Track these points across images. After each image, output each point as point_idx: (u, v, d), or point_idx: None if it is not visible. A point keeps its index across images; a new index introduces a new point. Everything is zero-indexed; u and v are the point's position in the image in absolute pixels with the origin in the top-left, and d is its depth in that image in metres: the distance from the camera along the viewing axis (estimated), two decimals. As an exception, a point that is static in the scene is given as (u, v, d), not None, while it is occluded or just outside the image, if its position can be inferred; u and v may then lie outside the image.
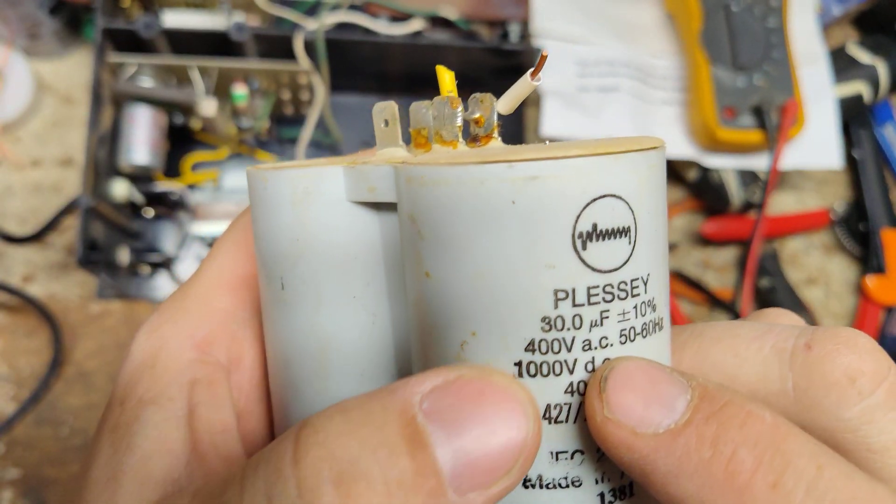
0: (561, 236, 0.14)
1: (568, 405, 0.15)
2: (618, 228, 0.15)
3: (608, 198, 0.14)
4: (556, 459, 0.15)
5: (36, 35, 0.53)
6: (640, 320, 0.15)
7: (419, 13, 0.53)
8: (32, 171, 0.54)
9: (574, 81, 0.53)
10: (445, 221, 0.15)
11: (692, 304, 0.57)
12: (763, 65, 0.53)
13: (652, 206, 0.15)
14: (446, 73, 0.18)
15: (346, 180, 0.17)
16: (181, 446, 0.17)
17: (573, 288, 0.14)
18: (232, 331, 0.20)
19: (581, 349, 0.15)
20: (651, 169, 0.15)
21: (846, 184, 0.61)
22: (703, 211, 0.59)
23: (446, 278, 0.15)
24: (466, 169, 0.14)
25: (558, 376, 0.15)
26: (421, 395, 0.14)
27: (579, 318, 0.15)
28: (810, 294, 0.59)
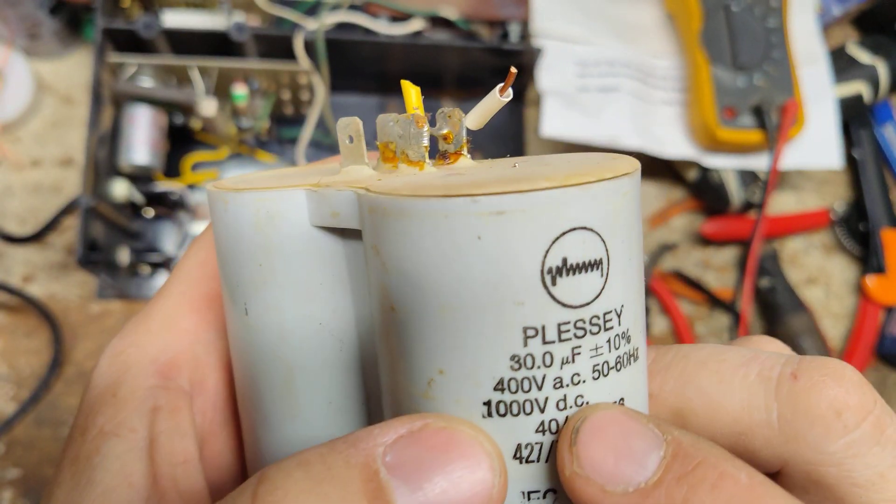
0: (529, 272, 0.14)
1: (539, 444, 0.14)
2: (589, 262, 0.14)
3: (579, 230, 0.14)
4: (528, 499, 0.15)
5: (36, 35, 0.53)
6: (614, 354, 0.15)
7: (419, 13, 0.53)
8: (32, 171, 0.54)
9: (574, 81, 0.53)
10: (409, 255, 0.14)
11: (692, 304, 0.57)
12: (763, 65, 0.53)
13: (625, 235, 0.15)
14: (412, 88, 0.17)
15: (309, 204, 0.16)
16: (142, 480, 0.17)
17: (543, 325, 0.14)
18: (195, 354, 0.20)
19: (552, 387, 0.14)
20: (625, 196, 0.15)
21: (846, 184, 0.61)
22: (703, 211, 0.59)
23: (412, 313, 0.14)
24: (429, 202, 0.14)
25: (529, 415, 0.14)
26: (384, 447, 0.13)
27: (550, 355, 0.14)
28: (810, 294, 0.59)
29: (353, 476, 0.13)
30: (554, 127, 0.51)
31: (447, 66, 0.53)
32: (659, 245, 0.57)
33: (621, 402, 0.15)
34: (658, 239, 0.58)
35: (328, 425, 0.18)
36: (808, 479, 0.16)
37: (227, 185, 0.17)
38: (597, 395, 0.15)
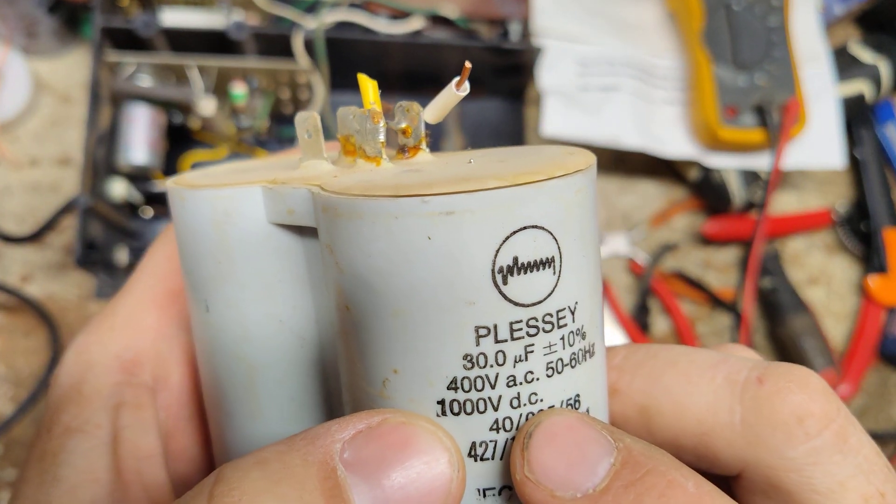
0: (480, 272, 0.14)
1: (493, 442, 0.15)
2: (541, 260, 0.14)
3: (530, 229, 0.14)
4: (484, 496, 0.15)
5: (34, 34, 0.53)
6: (568, 351, 0.15)
7: (419, 11, 0.53)
8: (30, 170, 0.53)
9: (575, 81, 0.53)
10: (361, 255, 0.14)
11: (694, 304, 0.57)
12: (764, 64, 0.53)
13: (579, 232, 0.15)
14: (369, 82, 0.17)
15: (265, 201, 0.16)
16: (106, 475, 0.17)
17: (495, 324, 0.14)
18: (159, 350, 0.20)
19: (505, 385, 0.14)
20: (578, 193, 0.15)
21: (848, 183, 0.61)
22: (704, 211, 0.58)
23: (365, 313, 0.14)
24: (379, 203, 0.14)
25: (483, 414, 0.14)
26: (342, 443, 0.13)
27: (502, 354, 0.14)
28: (812, 294, 0.58)
29: (311, 474, 0.13)
30: (554, 126, 0.51)
31: (447, 64, 0.53)
32: (660, 245, 0.57)
33: (576, 399, 0.15)
34: (659, 239, 0.58)
35: (292, 422, 0.18)
36: (767, 483, 0.16)
37: (185, 182, 0.17)
38: (551, 393, 0.15)
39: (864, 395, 0.58)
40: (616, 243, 0.57)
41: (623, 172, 0.59)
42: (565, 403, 0.15)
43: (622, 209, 0.58)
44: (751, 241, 0.52)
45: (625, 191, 0.58)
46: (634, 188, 0.59)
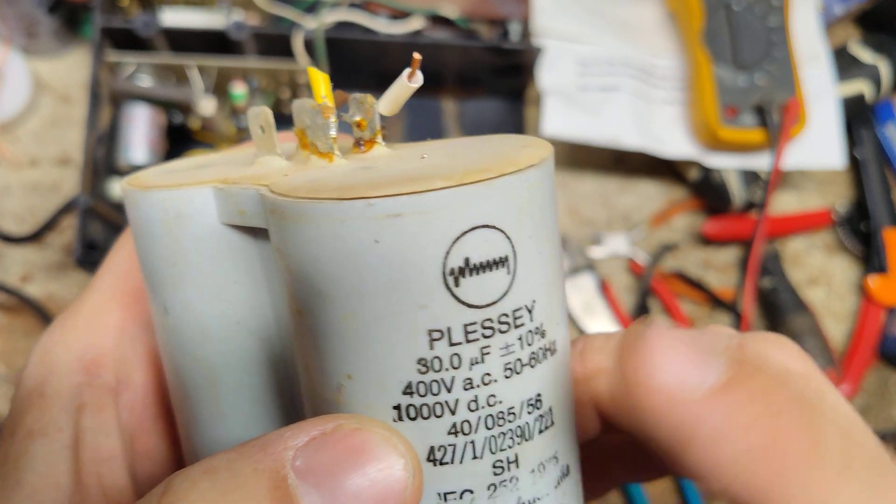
0: (430, 275, 0.13)
1: (452, 446, 0.14)
2: (494, 260, 0.14)
3: (480, 229, 0.13)
4: (445, 500, 0.15)
5: (34, 34, 0.53)
6: (527, 350, 0.14)
7: (419, 11, 0.53)
8: (30, 170, 0.53)
9: (575, 81, 0.53)
10: (309, 259, 0.14)
11: (694, 304, 0.57)
12: (764, 64, 0.53)
13: (533, 228, 0.14)
14: (320, 76, 0.17)
15: (216, 202, 0.16)
16: (67, 479, 0.17)
17: (448, 327, 0.14)
18: (121, 350, 0.20)
19: (462, 389, 0.14)
20: (531, 189, 0.14)
21: (848, 183, 0.61)
22: (704, 211, 0.58)
23: (317, 319, 0.14)
24: (324, 206, 0.13)
25: (440, 418, 0.14)
26: (295, 451, 0.13)
27: (457, 357, 0.14)
28: (812, 294, 0.58)
29: (261, 483, 0.13)
30: (554, 126, 0.51)
31: (447, 64, 0.53)
32: (660, 245, 0.57)
33: (538, 399, 0.15)
34: (659, 239, 0.58)
35: (256, 423, 0.18)
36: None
37: (138, 183, 0.17)
38: (511, 394, 0.15)
39: (864, 395, 0.58)
40: (616, 243, 0.57)
41: (623, 172, 0.59)
42: (526, 404, 0.15)
43: (622, 209, 0.58)
44: (751, 241, 0.52)
45: (625, 191, 0.58)
46: (634, 188, 0.59)
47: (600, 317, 0.54)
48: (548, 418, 0.15)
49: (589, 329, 0.54)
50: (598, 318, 0.54)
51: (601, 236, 0.57)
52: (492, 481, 0.15)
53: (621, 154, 0.58)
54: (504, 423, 0.15)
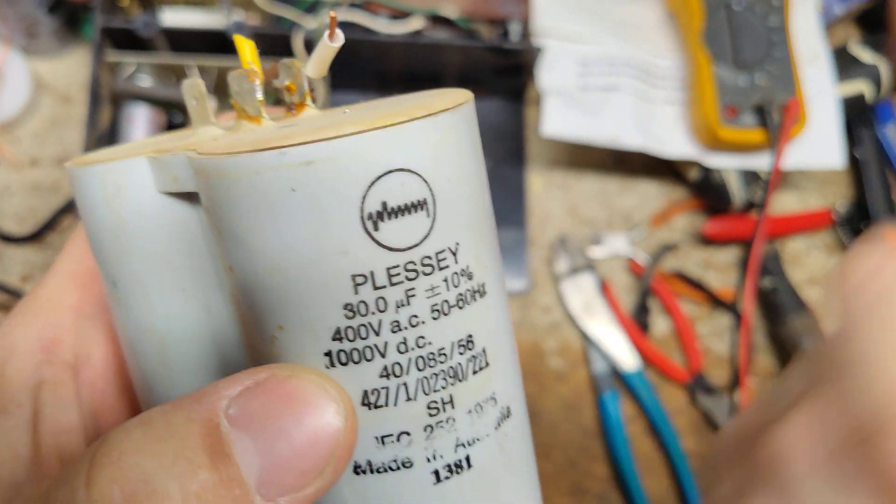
0: (349, 220, 0.14)
1: (385, 388, 0.15)
2: (411, 203, 0.14)
3: (395, 173, 0.14)
4: (383, 443, 0.15)
5: (34, 34, 0.53)
6: (454, 292, 0.15)
7: (419, 11, 0.53)
8: (31, 170, 0.53)
9: (575, 81, 0.53)
10: (232, 215, 0.14)
11: (694, 304, 0.57)
12: (765, 63, 0.53)
13: (453, 172, 0.15)
14: (245, 42, 0.17)
15: (152, 171, 0.16)
16: (26, 451, 0.18)
17: (371, 271, 0.14)
18: (79, 329, 0.20)
19: (390, 331, 0.14)
20: (447, 132, 0.14)
21: (848, 183, 0.61)
22: (704, 211, 0.58)
23: (245, 273, 0.14)
24: (240, 159, 0.13)
25: (371, 362, 0.14)
26: (228, 400, 0.13)
27: (383, 300, 0.14)
28: (812, 294, 0.58)
29: (193, 431, 0.13)
30: (554, 126, 0.51)
31: (447, 64, 0.53)
32: (660, 245, 0.57)
33: (469, 339, 0.15)
34: (659, 239, 0.58)
35: None
36: None
37: (78, 160, 0.17)
38: (440, 335, 0.15)
39: (865, 395, 0.58)
40: (616, 243, 0.57)
41: (623, 172, 0.59)
42: (457, 345, 0.15)
43: (622, 209, 0.58)
44: (751, 242, 0.52)
45: (625, 191, 0.58)
46: (634, 188, 0.59)
47: (600, 317, 0.54)
48: (481, 359, 0.16)
49: (589, 329, 0.54)
50: (598, 318, 0.54)
51: (601, 236, 0.57)
52: (428, 422, 0.15)
53: (621, 154, 0.58)
54: (436, 364, 0.15)
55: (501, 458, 0.16)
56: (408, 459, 0.15)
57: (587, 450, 0.54)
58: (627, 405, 0.55)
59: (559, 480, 0.53)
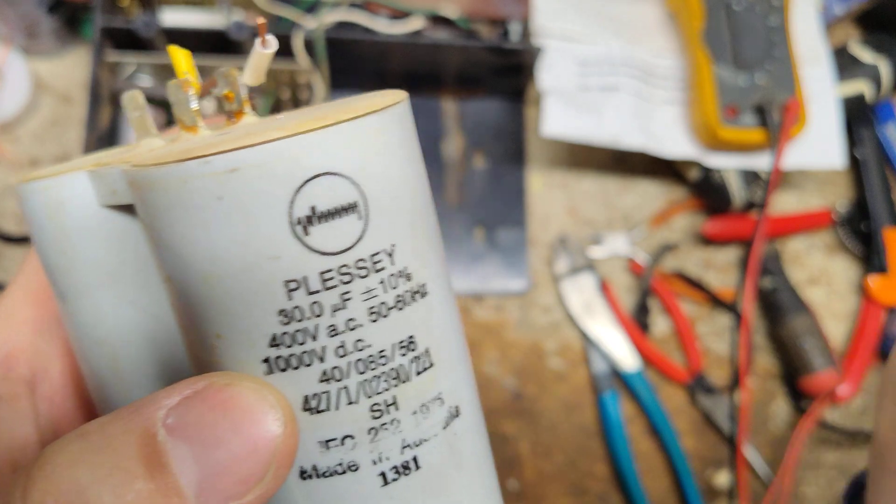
0: (278, 226, 0.14)
1: (326, 393, 0.15)
2: (341, 206, 0.14)
3: (322, 177, 0.14)
4: (327, 447, 0.15)
5: (34, 34, 0.53)
6: (392, 293, 0.15)
7: (419, 11, 0.53)
8: (31, 170, 0.53)
9: (575, 81, 0.53)
10: (164, 225, 0.14)
11: (694, 304, 0.57)
12: (765, 63, 0.53)
13: (385, 174, 0.14)
14: (180, 53, 0.17)
15: (93, 185, 0.16)
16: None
17: (304, 276, 0.14)
18: (36, 344, 0.20)
19: (327, 336, 0.14)
20: (376, 134, 0.14)
21: (848, 183, 0.61)
22: (704, 211, 0.59)
23: (181, 283, 0.14)
24: (167, 170, 0.13)
25: (309, 367, 0.14)
26: (167, 409, 0.13)
27: (318, 305, 0.14)
28: (812, 294, 0.59)
29: (130, 441, 0.13)
30: (554, 126, 0.51)
31: (447, 64, 0.53)
32: (660, 245, 0.57)
33: (411, 340, 0.15)
34: (659, 239, 0.58)
35: None
36: None
37: (24, 177, 0.17)
38: (379, 337, 0.15)
39: (865, 394, 0.58)
40: (616, 243, 0.57)
41: (623, 172, 0.59)
42: (398, 347, 0.15)
43: (622, 209, 0.58)
44: (751, 241, 0.52)
45: (625, 191, 0.58)
46: (635, 188, 0.59)
47: (600, 317, 0.55)
48: (425, 359, 0.16)
49: (589, 329, 0.54)
50: (598, 318, 0.54)
51: (601, 236, 0.57)
52: (371, 425, 0.15)
53: (621, 154, 0.58)
54: (376, 367, 0.15)
55: (452, 457, 0.16)
56: (353, 463, 0.15)
57: (587, 450, 0.54)
58: (627, 405, 0.55)
59: (559, 480, 0.53)
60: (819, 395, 0.54)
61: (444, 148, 0.56)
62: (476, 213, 0.55)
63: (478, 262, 0.55)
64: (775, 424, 0.56)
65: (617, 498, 0.53)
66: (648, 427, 0.54)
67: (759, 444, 0.56)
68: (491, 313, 0.55)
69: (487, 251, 0.55)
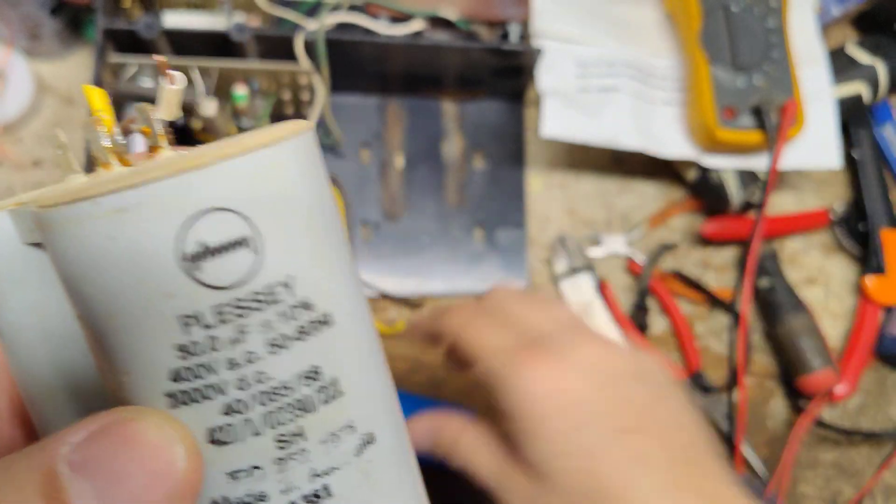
0: (168, 264, 0.14)
1: (230, 425, 0.15)
2: (232, 241, 0.14)
3: (210, 213, 0.14)
4: (235, 479, 0.15)
5: (37, 35, 0.53)
6: (292, 325, 0.15)
7: (419, 14, 0.53)
8: (33, 171, 0.54)
9: (574, 82, 0.53)
10: (66, 265, 0.14)
11: (692, 304, 0.57)
12: (763, 65, 0.53)
13: (278, 206, 0.15)
14: (94, 91, 0.17)
15: (14, 224, 0.17)
16: None
17: (198, 311, 0.14)
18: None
19: (227, 369, 0.15)
20: (267, 169, 0.15)
21: (845, 184, 0.62)
22: (702, 211, 0.59)
23: (87, 321, 0.15)
24: (59, 211, 0.14)
25: (211, 400, 0.15)
26: (72, 446, 0.13)
27: (215, 339, 0.14)
28: (810, 294, 0.59)
29: (33, 479, 0.13)
30: (554, 127, 0.52)
31: (447, 66, 0.53)
32: (658, 245, 0.57)
33: (315, 371, 0.15)
34: (658, 239, 0.58)
35: None
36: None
37: None
38: (280, 369, 0.15)
39: (863, 394, 0.58)
40: (615, 243, 0.57)
41: (622, 173, 0.59)
42: (302, 377, 0.15)
43: (621, 209, 0.58)
44: (749, 242, 0.52)
45: (624, 191, 0.59)
46: (633, 189, 0.59)
47: (599, 316, 0.55)
48: (332, 389, 0.16)
49: (588, 329, 0.55)
50: (597, 318, 0.55)
51: (600, 236, 0.57)
52: (278, 455, 0.15)
53: (620, 155, 0.58)
54: (279, 399, 0.15)
55: (367, 483, 0.16)
56: (262, 493, 0.15)
57: (586, 448, 0.54)
58: (626, 404, 0.55)
59: (558, 479, 0.53)
60: (816, 395, 0.55)
61: (444, 149, 0.56)
62: (476, 214, 0.55)
63: (477, 263, 0.55)
64: (773, 423, 0.57)
65: (615, 496, 0.53)
66: (647, 426, 0.55)
67: (757, 443, 0.56)
68: (490, 313, 0.55)
69: (487, 251, 0.55)
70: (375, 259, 0.54)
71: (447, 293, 0.54)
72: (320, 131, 0.53)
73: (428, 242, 0.55)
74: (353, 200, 0.54)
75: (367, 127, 0.55)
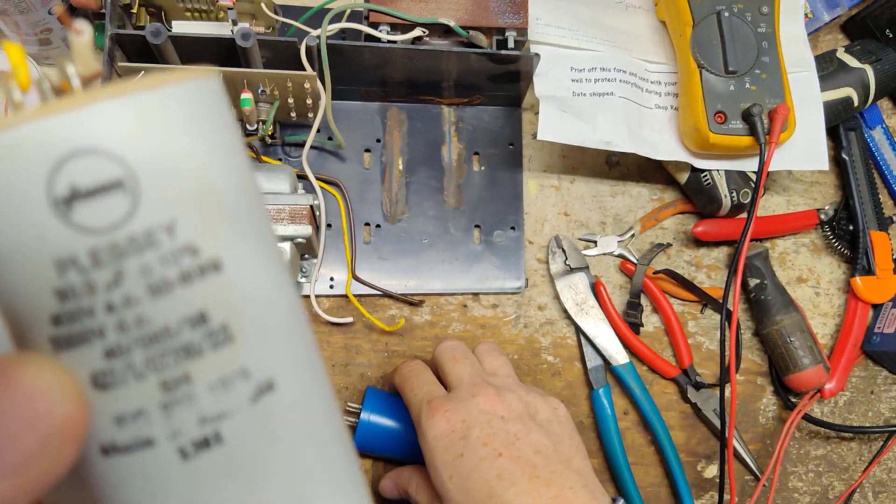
0: (40, 206, 0.14)
1: (112, 369, 0.15)
2: (106, 184, 0.14)
3: (81, 155, 0.14)
4: (121, 423, 0.15)
5: (46, 41, 0.54)
6: (174, 268, 0.15)
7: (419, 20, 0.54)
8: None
9: (569, 87, 0.54)
10: None
11: (684, 303, 0.58)
12: (754, 70, 0.54)
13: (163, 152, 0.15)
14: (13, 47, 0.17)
15: None
16: None
17: (72, 254, 0.14)
18: None
19: (105, 313, 0.14)
20: (152, 112, 0.14)
21: (835, 186, 0.63)
22: (694, 212, 0.60)
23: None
24: None
25: (92, 344, 0.15)
26: None
27: (91, 283, 0.14)
28: (800, 293, 0.60)
29: None
30: (550, 131, 0.53)
31: (446, 72, 0.55)
32: (651, 245, 0.59)
33: (202, 316, 0.15)
34: (651, 239, 0.59)
35: None
36: None
37: None
38: (162, 313, 0.15)
39: (852, 390, 0.59)
40: (609, 244, 0.58)
41: (616, 176, 0.60)
42: (186, 322, 0.15)
43: (614, 211, 0.60)
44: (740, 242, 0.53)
45: (617, 193, 0.60)
46: (627, 191, 0.60)
47: (593, 315, 0.56)
48: (222, 334, 0.15)
49: (582, 326, 0.56)
50: (591, 316, 0.56)
51: (595, 237, 0.58)
52: (163, 400, 0.15)
53: (614, 157, 0.59)
54: (162, 343, 0.15)
55: (264, 433, 0.16)
56: (149, 438, 0.15)
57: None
58: (620, 400, 0.56)
59: (554, 473, 0.54)
60: (807, 391, 0.56)
61: (443, 153, 0.57)
62: (474, 215, 0.57)
63: (475, 262, 0.56)
64: (764, 419, 0.58)
65: (610, 489, 0.55)
66: (640, 421, 0.56)
67: (748, 439, 0.57)
68: (488, 311, 0.56)
69: (485, 251, 0.57)
70: (377, 259, 0.55)
71: (446, 292, 0.56)
72: (323, 135, 0.55)
73: (427, 243, 0.56)
74: (355, 203, 0.56)
75: (368, 131, 0.57)
